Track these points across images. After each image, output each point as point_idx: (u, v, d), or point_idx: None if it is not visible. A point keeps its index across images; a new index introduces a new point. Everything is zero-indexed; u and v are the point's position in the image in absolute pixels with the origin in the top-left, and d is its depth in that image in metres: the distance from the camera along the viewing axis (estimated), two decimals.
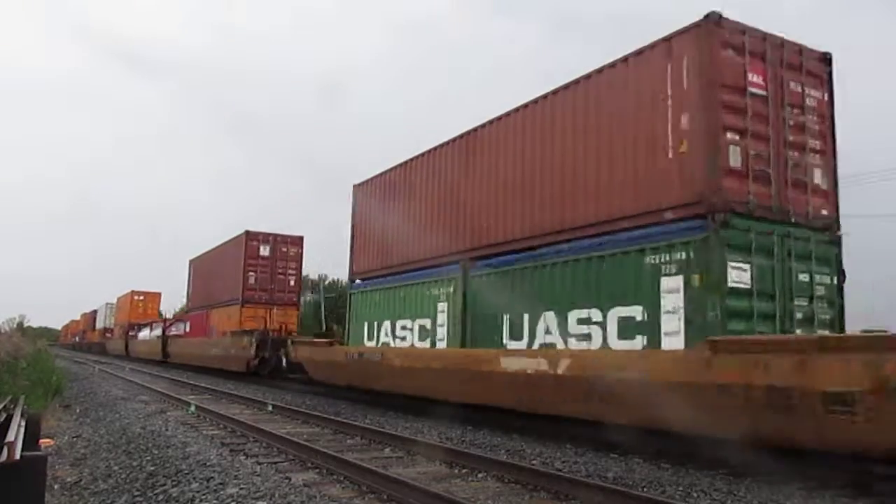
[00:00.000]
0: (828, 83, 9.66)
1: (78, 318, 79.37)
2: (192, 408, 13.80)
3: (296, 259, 26.26)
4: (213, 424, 11.73)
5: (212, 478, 6.86)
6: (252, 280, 25.12)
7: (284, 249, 25.82)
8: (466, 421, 11.55)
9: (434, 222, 13.69)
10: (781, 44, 9.25)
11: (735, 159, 8.64)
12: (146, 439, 9.68)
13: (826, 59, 9.69)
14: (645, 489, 6.69)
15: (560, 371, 9.26)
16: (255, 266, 25.29)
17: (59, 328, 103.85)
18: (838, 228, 9.44)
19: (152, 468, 7.57)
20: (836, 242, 9.33)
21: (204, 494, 6.20)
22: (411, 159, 14.93)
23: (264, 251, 25.43)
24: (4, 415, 7.54)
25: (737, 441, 7.02)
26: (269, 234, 25.84)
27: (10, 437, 5.05)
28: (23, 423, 6.51)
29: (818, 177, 9.41)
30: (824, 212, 9.39)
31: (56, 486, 6.90)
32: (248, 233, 25.38)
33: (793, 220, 8.97)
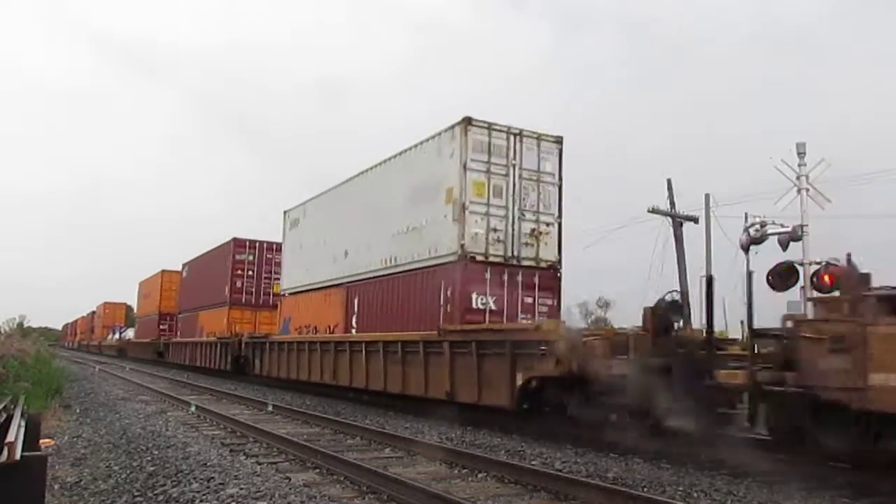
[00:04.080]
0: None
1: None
2: (193, 408, 13.81)
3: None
4: (213, 425, 11.73)
5: (212, 478, 6.85)
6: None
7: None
8: (466, 421, 11.56)
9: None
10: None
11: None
12: (146, 439, 9.68)
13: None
14: (645, 489, 6.68)
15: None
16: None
17: (60, 328, 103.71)
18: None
19: (152, 468, 7.57)
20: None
21: (204, 495, 6.20)
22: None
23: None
24: (4, 415, 7.54)
25: None
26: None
27: (11, 437, 5.05)
28: (23, 424, 6.50)
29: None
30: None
31: (56, 487, 6.89)
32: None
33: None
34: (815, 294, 8.85)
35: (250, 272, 27.49)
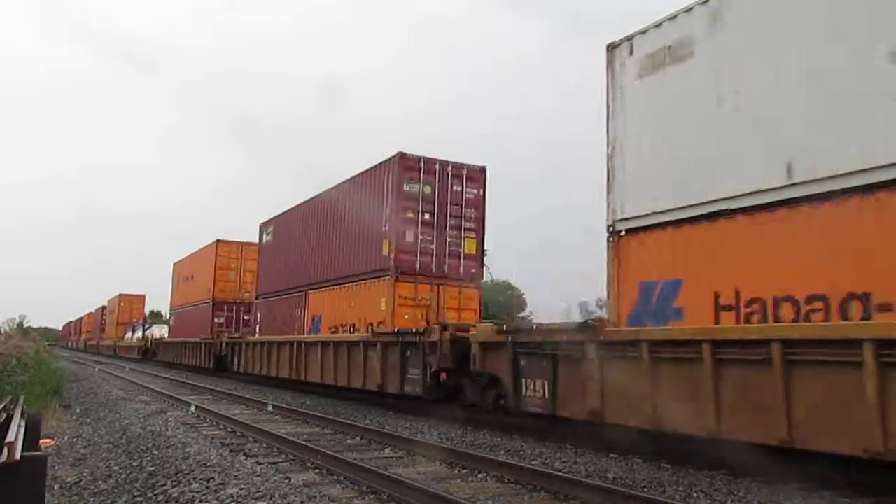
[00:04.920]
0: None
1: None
2: (193, 408, 13.81)
3: None
4: (213, 425, 11.73)
5: (212, 478, 6.85)
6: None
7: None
8: (467, 421, 11.57)
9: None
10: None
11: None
12: (146, 439, 9.68)
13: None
14: (645, 489, 6.68)
15: None
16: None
17: (60, 328, 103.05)
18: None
19: (152, 468, 7.57)
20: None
21: (204, 495, 6.20)
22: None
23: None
24: (4, 415, 7.55)
25: None
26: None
27: (11, 437, 5.05)
28: (23, 424, 6.51)
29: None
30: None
31: (56, 487, 6.90)
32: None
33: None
34: None
35: (427, 215, 15.01)
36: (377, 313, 15.07)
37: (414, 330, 13.15)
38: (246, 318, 27.27)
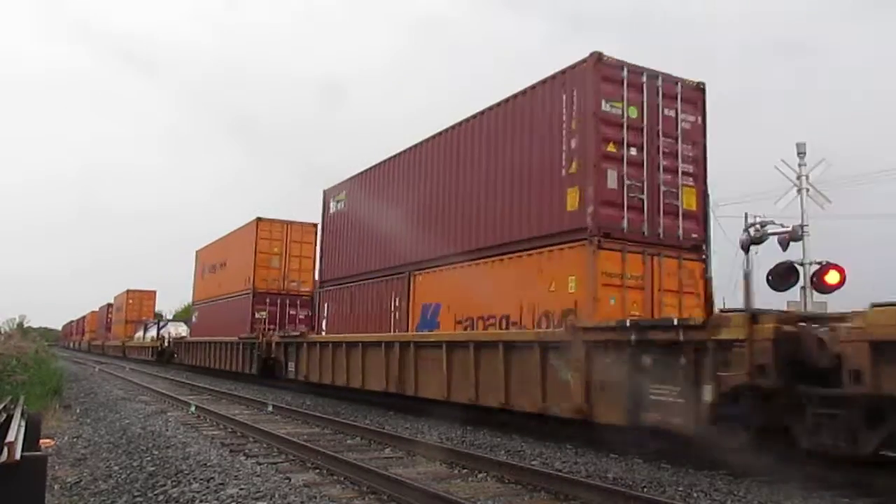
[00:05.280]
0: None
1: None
2: (193, 408, 13.81)
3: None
4: (213, 425, 11.73)
5: (212, 478, 6.85)
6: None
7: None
8: (467, 421, 11.56)
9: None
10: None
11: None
12: (146, 440, 9.68)
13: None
14: (645, 489, 6.68)
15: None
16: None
17: (60, 328, 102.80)
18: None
19: (152, 468, 7.57)
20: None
21: (204, 495, 6.20)
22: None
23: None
24: (4, 415, 7.54)
25: None
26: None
27: (11, 437, 5.04)
28: (23, 424, 6.50)
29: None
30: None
31: (56, 487, 6.90)
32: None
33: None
34: (815, 294, 8.82)
35: (633, 150, 10.42)
36: (559, 298, 10.17)
37: (677, 321, 8.14)
38: (292, 312, 23.33)
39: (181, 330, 37.13)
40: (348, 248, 17.57)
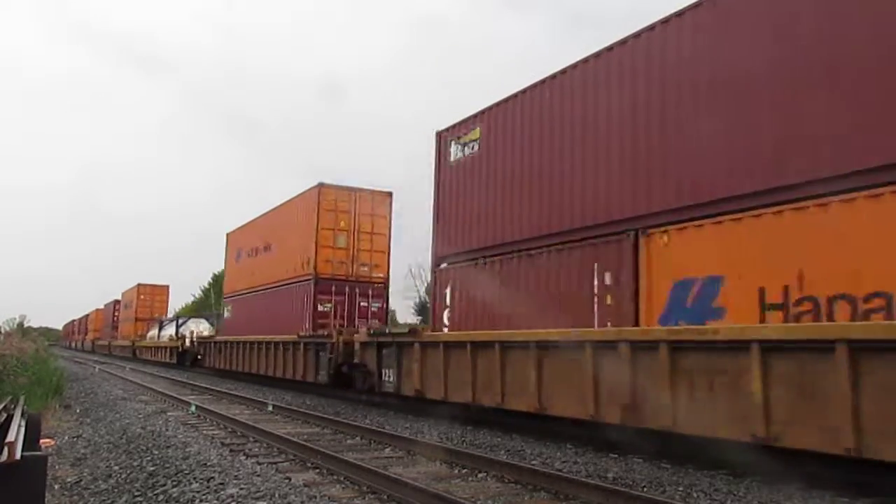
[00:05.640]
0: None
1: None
2: (193, 408, 13.81)
3: None
4: (213, 424, 11.74)
5: (212, 478, 6.86)
6: None
7: None
8: (467, 421, 11.56)
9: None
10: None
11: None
12: (146, 439, 9.69)
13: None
14: (645, 489, 6.69)
15: None
16: None
17: (61, 328, 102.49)
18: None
19: (152, 468, 7.57)
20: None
21: (204, 495, 6.21)
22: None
23: None
24: (5, 415, 7.55)
25: None
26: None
27: (11, 437, 5.06)
28: (23, 423, 6.52)
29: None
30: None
31: (56, 486, 6.90)
32: None
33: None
34: None
35: None
36: None
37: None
38: (363, 304, 18.77)
39: (201, 328, 33.00)
40: (489, 207, 12.35)
